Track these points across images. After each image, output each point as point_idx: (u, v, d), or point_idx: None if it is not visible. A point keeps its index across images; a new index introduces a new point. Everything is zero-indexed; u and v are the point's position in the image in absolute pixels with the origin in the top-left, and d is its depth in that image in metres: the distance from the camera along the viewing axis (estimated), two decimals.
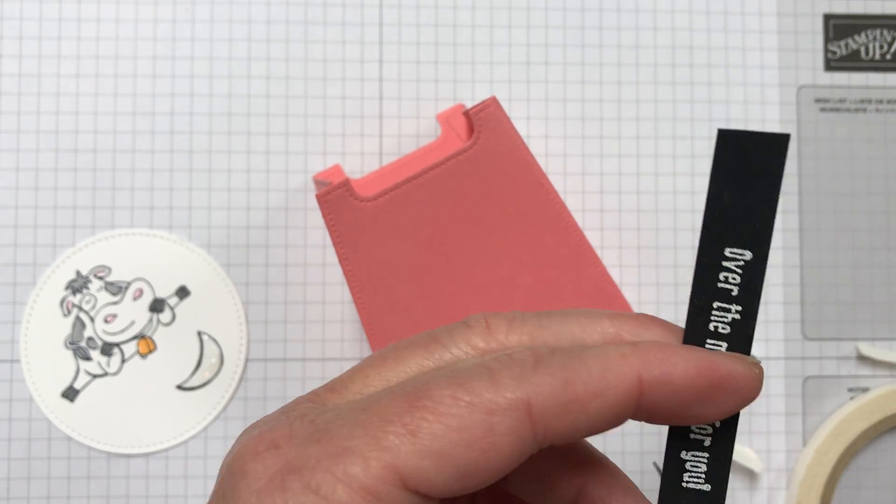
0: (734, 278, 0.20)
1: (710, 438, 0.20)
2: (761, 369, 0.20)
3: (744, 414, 0.47)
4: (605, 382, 0.19)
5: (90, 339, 0.45)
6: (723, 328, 0.20)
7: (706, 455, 0.20)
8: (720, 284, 0.20)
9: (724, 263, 0.20)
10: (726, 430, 0.20)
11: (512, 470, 0.19)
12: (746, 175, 0.19)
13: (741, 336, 0.20)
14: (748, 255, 0.20)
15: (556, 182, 0.47)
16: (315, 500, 0.18)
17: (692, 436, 0.20)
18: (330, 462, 0.18)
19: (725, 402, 0.19)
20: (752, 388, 0.19)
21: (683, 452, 0.20)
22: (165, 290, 0.46)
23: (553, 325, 0.20)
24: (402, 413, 0.18)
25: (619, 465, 0.48)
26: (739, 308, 0.20)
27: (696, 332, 0.20)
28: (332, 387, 0.21)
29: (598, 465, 0.22)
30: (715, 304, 0.20)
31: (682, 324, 0.21)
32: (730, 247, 0.20)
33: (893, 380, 0.47)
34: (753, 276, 0.20)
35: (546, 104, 0.47)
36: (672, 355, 0.19)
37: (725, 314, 0.20)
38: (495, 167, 0.40)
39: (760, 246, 0.20)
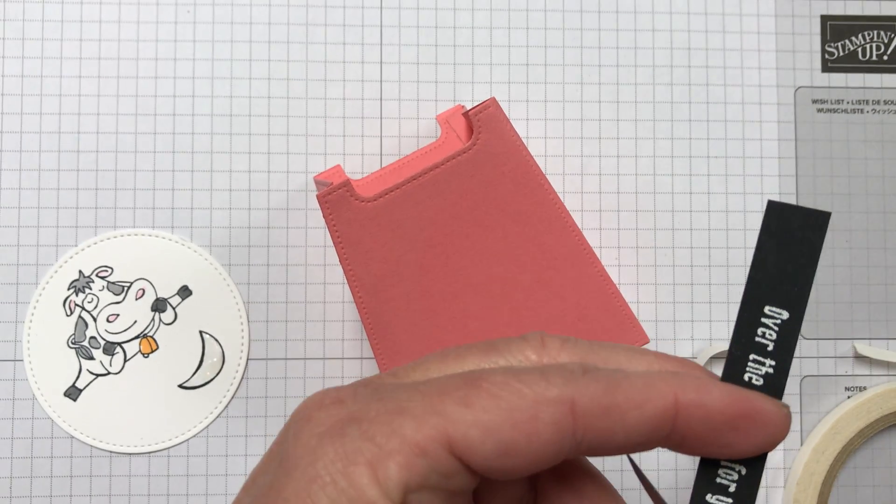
0: (771, 335, 0.22)
1: (735, 484, 0.21)
2: (790, 411, 0.21)
3: None
4: (645, 396, 0.20)
5: (93, 338, 0.46)
6: (756, 380, 0.22)
7: (730, 500, 0.22)
8: (757, 339, 0.22)
9: (763, 320, 0.22)
10: (752, 477, 0.21)
11: (546, 466, 0.20)
12: (789, 243, 0.21)
13: (773, 388, 0.22)
14: (785, 314, 0.22)
15: (555, 182, 0.47)
16: (369, 447, 0.19)
17: (718, 480, 0.22)
18: (387, 417, 0.20)
19: (756, 434, 0.21)
20: (781, 426, 0.21)
21: (709, 495, 0.22)
22: (167, 290, 0.46)
23: (603, 351, 0.22)
24: (459, 387, 0.20)
25: (655, 481, 0.49)
26: (773, 363, 0.22)
27: (731, 379, 0.22)
28: (394, 373, 0.22)
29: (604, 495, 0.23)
30: (751, 357, 0.22)
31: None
32: (769, 305, 0.22)
33: (890, 379, 0.47)
34: (789, 334, 0.22)
35: (545, 105, 0.48)
36: (708, 384, 0.20)
37: (760, 367, 0.22)
38: (495, 168, 0.40)
39: (797, 307, 0.22)
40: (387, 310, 0.40)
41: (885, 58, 0.49)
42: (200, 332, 0.46)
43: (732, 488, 0.21)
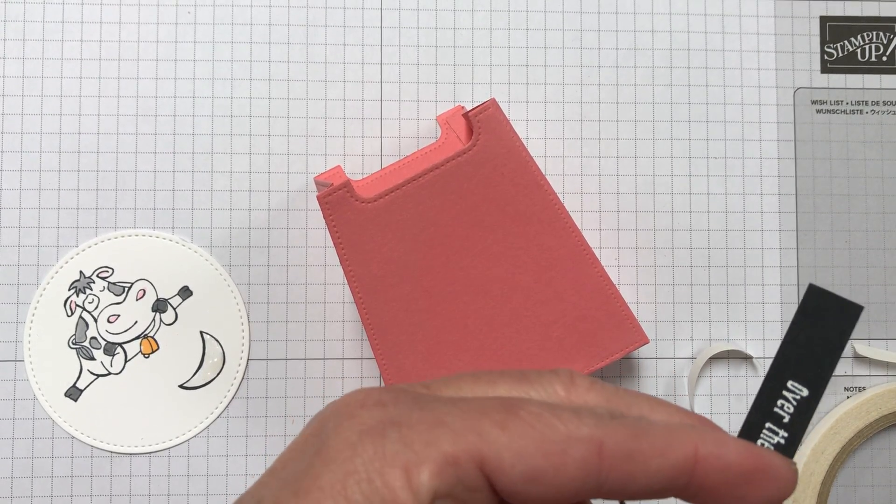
0: (788, 408, 0.23)
1: None
2: (797, 471, 0.22)
3: (742, 413, 0.47)
4: (668, 445, 0.21)
5: (93, 338, 0.46)
6: (768, 447, 0.23)
7: None
8: (776, 409, 0.23)
9: (784, 393, 0.23)
10: None
11: (564, 501, 0.21)
12: (821, 326, 0.23)
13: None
14: (806, 392, 0.23)
15: (555, 183, 0.47)
16: (406, 452, 0.20)
17: None
18: (426, 426, 0.21)
19: (767, 487, 0.22)
20: (790, 481, 0.22)
21: None
22: (168, 291, 0.46)
23: (627, 397, 0.23)
24: (498, 410, 0.21)
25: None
26: (786, 435, 0.23)
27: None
28: (427, 385, 0.23)
29: None
30: (767, 425, 0.23)
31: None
32: (793, 381, 0.23)
33: (889, 379, 0.47)
34: (805, 411, 0.23)
35: (545, 106, 0.48)
36: (725, 438, 0.22)
37: (773, 436, 0.23)
38: (495, 168, 0.40)
39: (818, 387, 0.23)
40: (387, 310, 0.40)
41: (884, 59, 0.49)
42: (201, 333, 0.46)
43: None
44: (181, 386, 0.46)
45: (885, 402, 0.46)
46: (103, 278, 0.46)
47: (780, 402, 0.23)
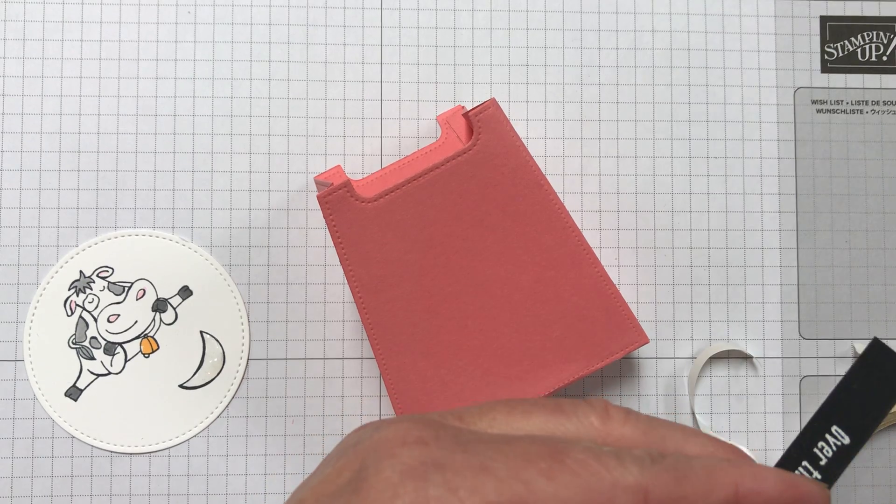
0: (828, 451, 0.24)
1: None
2: (830, 495, 0.23)
3: (741, 413, 0.47)
4: (710, 486, 0.21)
5: (93, 338, 0.46)
6: None
7: None
8: (815, 450, 0.24)
9: (827, 436, 0.24)
10: None
11: None
12: (877, 381, 0.24)
13: None
14: (847, 440, 0.24)
15: (555, 183, 0.47)
16: (449, 497, 0.20)
17: None
18: (471, 472, 0.21)
19: None
20: None
21: None
22: (168, 291, 0.46)
23: (661, 428, 0.23)
24: (543, 458, 0.21)
25: None
26: (819, 477, 0.24)
27: None
28: (460, 416, 0.23)
29: None
30: (803, 463, 0.24)
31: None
32: (837, 426, 0.24)
33: None
34: (844, 458, 0.24)
35: (545, 106, 0.48)
36: (763, 471, 0.22)
37: (808, 474, 0.24)
38: (495, 168, 0.40)
39: (860, 437, 0.24)
40: (387, 310, 0.40)
41: (885, 58, 0.49)
42: (201, 333, 0.46)
43: None
44: (181, 386, 0.46)
45: None
46: (103, 278, 0.46)
47: (820, 443, 0.24)
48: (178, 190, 0.46)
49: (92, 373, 0.45)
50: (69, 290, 0.46)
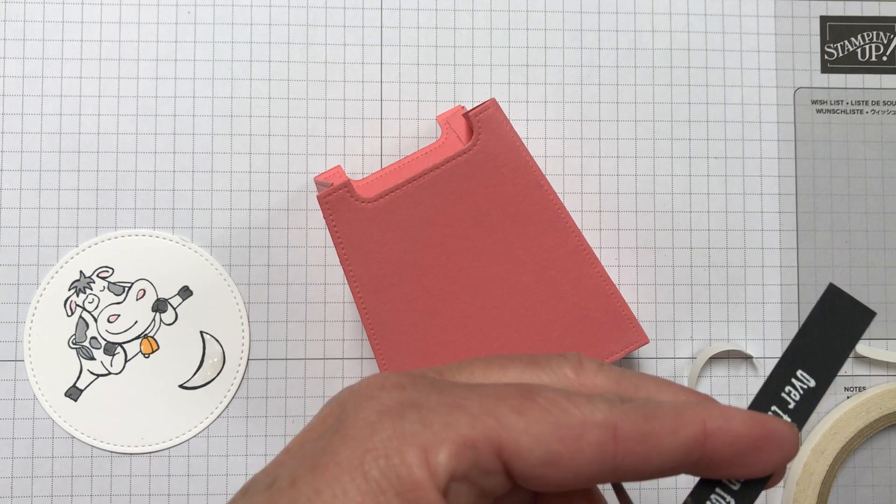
0: (795, 395, 0.25)
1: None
2: (799, 439, 0.23)
3: None
4: (678, 423, 0.22)
5: (93, 338, 0.46)
6: None
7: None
8: (783, 395, 0.25)
9: (793, 381, 0.25)
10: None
11: (580, 485, 0.22)
12: (835, 325, 0.25)
13: None
14: (813, 383, 0.25)
15: (555, 183, 0.47)
16: (425, 432, 0.21)
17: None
18: (445, 409, 0.21)
19: (773, 452, 0.23)
20: (794, 443, 0.23)
21: None
22: (168, 291, 0.46)
23: (634, 378, 0.24)
24: (515, 396, 0.22)
25: (654, 482, 0.49)
26: (789, 420, 0.24)
27: None
28: (440, 371, 0.24)
29: None
30: (772, 408, 0.25)
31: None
32: (802, 370, 0.25)
33: (889, 379, 0.47)
34: (811, 400, 0.24)
35: (545, 106, 0.48)
36: (732, 411, 0.23)
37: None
38: (495, 168, 0.40)
39: (825, 379, 0.25)
40: (387, 310, 0.40)
41: (885, 58, 0.49)
42: (201, 333, 0.46)
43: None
44: (181, 386, 0.46)
45: (885, 401, 0.46)
46: (103, 278, 0.46)
47: (787, 388, 0.24)
48: (178, 190, 0.46)
49: (92, 373, 0.45)
50: (69, 290, 0.46)
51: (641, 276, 0.47)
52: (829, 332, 0.25)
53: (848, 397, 0.47)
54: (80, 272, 0.46)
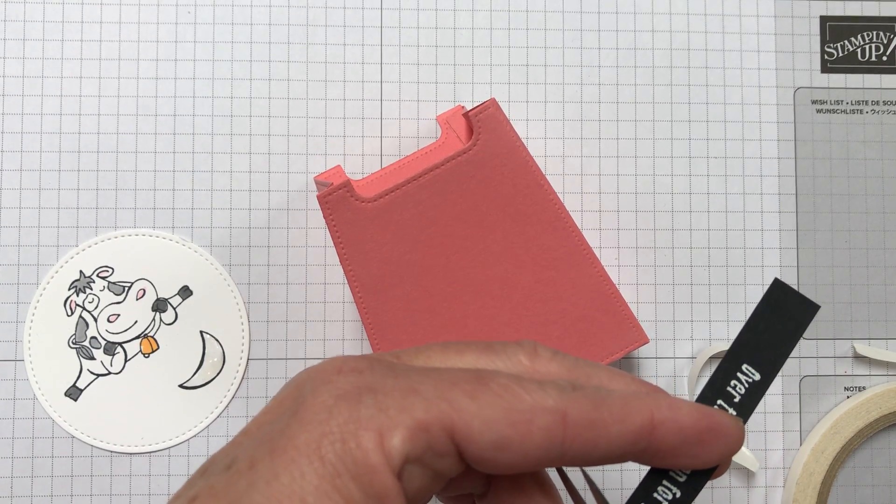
0: (740, 389, 0.25)
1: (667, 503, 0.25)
2: (743, 431, 0.24)
3: None
4: (626, 412, 0.23)
5: (93, 338, 0.46)
6: None
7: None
8: (728, 388, 0.25)
9: (738, 375, 0.25)
10: (684, 501, 0.24)
11: (529, 468, 0.22)
12: (781, 318, 0.25)
13: None
14: (758, 376, 0.25)
15: (555, 183, 0.47)
16: (380, 416, 0.21)
17: (655, 496, 0.24)
18: (400, 394, 0.22)
19: (717, 445, 0.23)
20: (738, 437, 0.24)
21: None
22: (168, 290, 0.46)
23: (587, 367, 0.24)
24: (468, 381, 0.22)
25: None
26: (734, 413, 0.25)
27: None
28: (397, 355, 0.24)
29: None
30: (718, 402, 0.25)
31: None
32: (748, 364, 0.25)
33: (889, 379, 0.47)
34: (755, 393, 0.25)
35: (545, 106, 0.48)
36: (679, 402, 0.23)
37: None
38: (495, 168, 0.40)
39: (769, 373, 0.25)
40: (387, 310, 0.40)
41: (885, 58, 0.49)
42: (201, 333, 0.46)
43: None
44: (181, 385, 0.46)
45: (885, 401, 0.46)
46: (103, 278, 0.46)
47: (733, 382, 0.25)
48: (178, 190, 0.46)
49: (92, 373, 0.45)
50: (69, 290, 0.46)
51: (641, 276, 0.47)
52: (775, 326, 0.25)
53: (848, 397, 0.47)
54: (80, 272, 0.46)
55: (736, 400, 0.25)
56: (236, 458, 0.22)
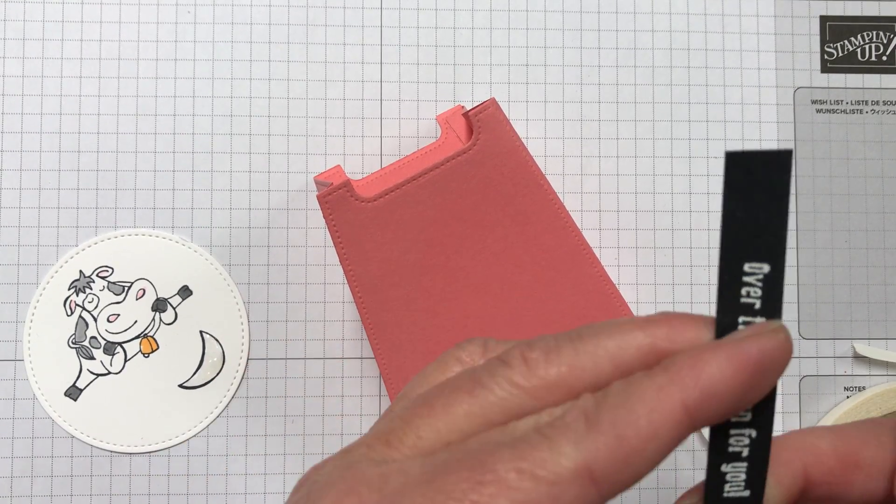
0: (756, 292, 0.20)
1: (748, 449, 0.21)
2: (786, 331, 0.20)
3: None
4: (655, 425, 0.19)
5: (93, 338, 0.46)
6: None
7: (745, 465, 0.21)
8: (743, 300, 0.20)
9: (745, 279, 0.20)
10: (762, 439, 0.21)
11: None
12: (756, 192, 0.20)
13: None
14: (766, 267, 0.20)
15: (555, 183, 0.47)
16: None
17: (731, 449, 0.21)
18: None
19: (768, 375, 0.20)
20: (785, 348, 0.20)
21: (724, 465, 0.21)
22: (168, 290, 0.46)
23: (588, 348, 0.21)
24: (468, 490, 0.18)
25: (654, 481, 0.49)
26: (763, 319, 0.21)
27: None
28: (387, 440, 0.21)
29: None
30: (741, 320, 0.21)
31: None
32: (749, 262, 0.20)
33: (889, 379, 0.47)
34: (774, 287, 0.20)
35: (545, 106, 0.48)
36: (706, 367, 0.19)
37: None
38: (494, 168, 0.40)
39: (777, 258, 0.20)
40: (387, 310, 0.40)
41: (885, 58, 0.49)
42: (201, 332, 0.46)
43: (746, 453, 0.21)
44: (181, 385, 0.46)
45: (884, 401, 0.46)
46: (103, 278, 0.46)
47: (744, 290, 0.20)
48: (178, 190, 0.46)
49: (92, 372, 0.45)
50: (69, 289, 0.46)
51: (641, 276, 0.47)
52: (754, 203, 0.20)
53: (848, 397, 0.47)
54: (80, 272, 0.46)
55: (757, 307, 0.20)
56: None
